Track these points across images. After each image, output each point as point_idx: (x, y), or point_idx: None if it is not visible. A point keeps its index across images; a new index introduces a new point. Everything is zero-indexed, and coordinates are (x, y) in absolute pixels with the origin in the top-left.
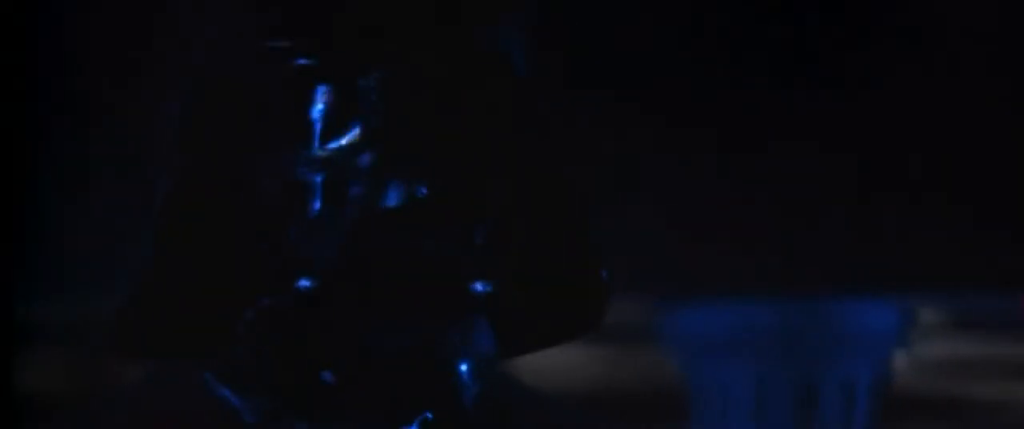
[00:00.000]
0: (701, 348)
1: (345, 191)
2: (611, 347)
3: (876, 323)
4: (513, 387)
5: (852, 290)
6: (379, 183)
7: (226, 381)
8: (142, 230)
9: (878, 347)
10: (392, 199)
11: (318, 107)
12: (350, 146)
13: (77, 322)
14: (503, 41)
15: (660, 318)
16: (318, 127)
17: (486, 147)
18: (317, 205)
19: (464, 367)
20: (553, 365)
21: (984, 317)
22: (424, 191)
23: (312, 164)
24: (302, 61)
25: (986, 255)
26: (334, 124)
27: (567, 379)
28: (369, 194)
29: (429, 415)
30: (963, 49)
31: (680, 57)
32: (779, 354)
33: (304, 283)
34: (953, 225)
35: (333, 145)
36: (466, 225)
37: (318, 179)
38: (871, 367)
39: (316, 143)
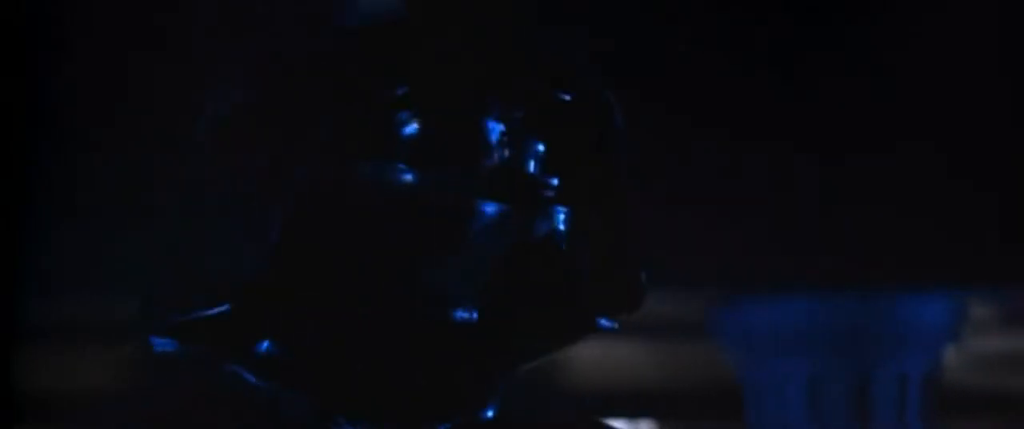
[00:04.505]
0: (755, 344)
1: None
2: (666, 343)
3: (929, 318)
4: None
5: (905, 285)
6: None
7: (265, 376)
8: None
9: (931, 342)
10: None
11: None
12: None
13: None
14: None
15: (715, 315)
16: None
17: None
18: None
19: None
20: (607, 362)
21: None
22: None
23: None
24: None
25: None
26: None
27: (623, 376)
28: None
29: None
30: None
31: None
32: (833, 349)
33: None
34: (1004, 221)
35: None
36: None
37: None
38: (924, 361)
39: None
